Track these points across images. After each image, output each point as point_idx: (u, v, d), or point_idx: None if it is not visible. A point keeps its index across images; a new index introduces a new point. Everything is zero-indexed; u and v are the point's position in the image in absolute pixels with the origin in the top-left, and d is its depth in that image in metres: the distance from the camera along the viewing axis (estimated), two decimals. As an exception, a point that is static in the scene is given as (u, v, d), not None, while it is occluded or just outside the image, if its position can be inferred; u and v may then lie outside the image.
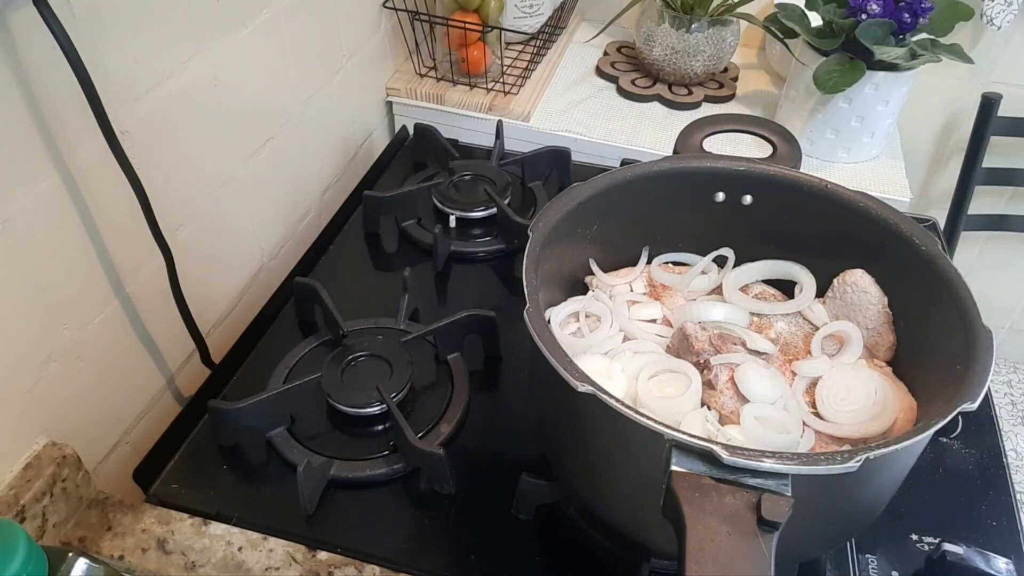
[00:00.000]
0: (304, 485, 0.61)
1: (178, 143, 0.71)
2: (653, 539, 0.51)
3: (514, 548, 0.61)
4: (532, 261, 0.55)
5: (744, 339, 0.60)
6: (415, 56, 1.19)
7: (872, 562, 0.60)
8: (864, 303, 0.61)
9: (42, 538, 0.58)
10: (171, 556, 0.58)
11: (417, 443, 0.63)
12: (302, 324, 0.81)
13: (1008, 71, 1.34)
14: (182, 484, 0.65)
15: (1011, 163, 1.38)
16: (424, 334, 0.74)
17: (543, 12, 1.23)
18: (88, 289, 0.63)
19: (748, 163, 0.65)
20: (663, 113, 1.20)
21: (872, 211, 0.60)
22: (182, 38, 0.69)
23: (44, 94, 0.55)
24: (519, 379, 0.75)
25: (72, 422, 0.63)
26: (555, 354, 0.47)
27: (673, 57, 1.19)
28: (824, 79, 1.01)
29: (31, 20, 0.51)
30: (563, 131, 1.14)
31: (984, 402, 0.65)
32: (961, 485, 0.66)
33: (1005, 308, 1.68)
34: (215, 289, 0.82)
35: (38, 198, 0.56)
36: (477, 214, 0.92)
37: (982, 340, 0.48)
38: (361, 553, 0.60)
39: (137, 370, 0.72)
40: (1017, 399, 1.75)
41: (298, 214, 0.97)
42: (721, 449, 0.40)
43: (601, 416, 0.45)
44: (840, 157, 1.12)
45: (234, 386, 0.74)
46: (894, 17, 0.97)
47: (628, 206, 0.65)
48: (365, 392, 0.69)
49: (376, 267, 0.90)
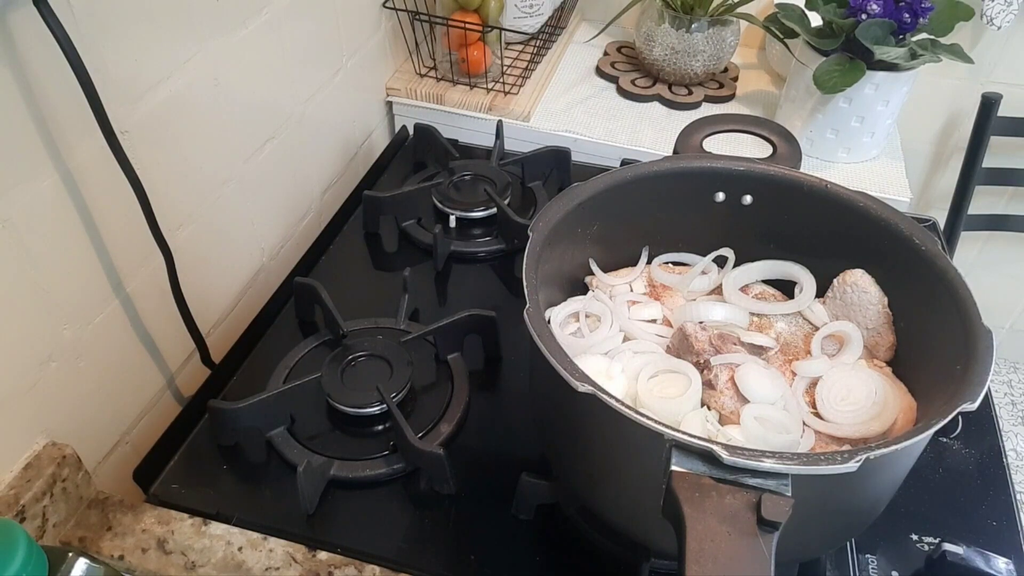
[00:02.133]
0: (304, 485, 0.61)
1: (178, 143, 0.71)
2: (653, 539, 0.51)
3: (514, 548, 0.61)
4: (532, 261, 0.55)
5: (741, 336, 0.61)
6: (415, 56, 1.19)
7: (872, 562, 0.60)
8: (864, 303, 0.61)
9: (42, 538, 0.58)
10: (171, 556, 0.58)
11: (417, 443, 0.63)
12: (302, 324, 0.81)
13: (1008, 71, 1.34)
14: (182, 484, 0.65)
15: (1011, 163, 1.38)
16: (424, 334, 0.74)
17: (543, 12, 1.23)
18: (88, 289, 0.63)
19: (748, 163, 0.65)
20: (663, 113, 1.20)
21: (872, 211, 0.60)
22: (182, 38, 0.69)
23: (44, 94, 0.55)
24: (519, 379, 0.75)
25: (72, 422, 0.63)
26: (555, 354, 0.47)
27: (673, 57, 1.19)
28: (824, 79, 1.01)
29: (31, 20, 0.51)
30: (563, 131, 1.14)
31: (984, 402, 0.65)
32: (961, 485, 0.66)
33: (1005, 308, 1.68)
34: (215, 289, 0.82)
35: (38, 198, 0.56)
36: (477, 214, 0.92)
37: (982, 340, 0.48)
38: (361, 553, 0.60)
39: (137, 370, 0.72)
40: (1017, 399, 1.75)
41: (298, 214, 0.97)
42: (721, 449, 0.41)
43: (601, 416, 0.45)
44: (840, 157, 1.12)
45: (234, 386, 0.74)
46: (894, 17, 0.97)
47: (628, 206, 0.65)
48: (365, 392, 0.69)
49: (376, 267, 0.90)
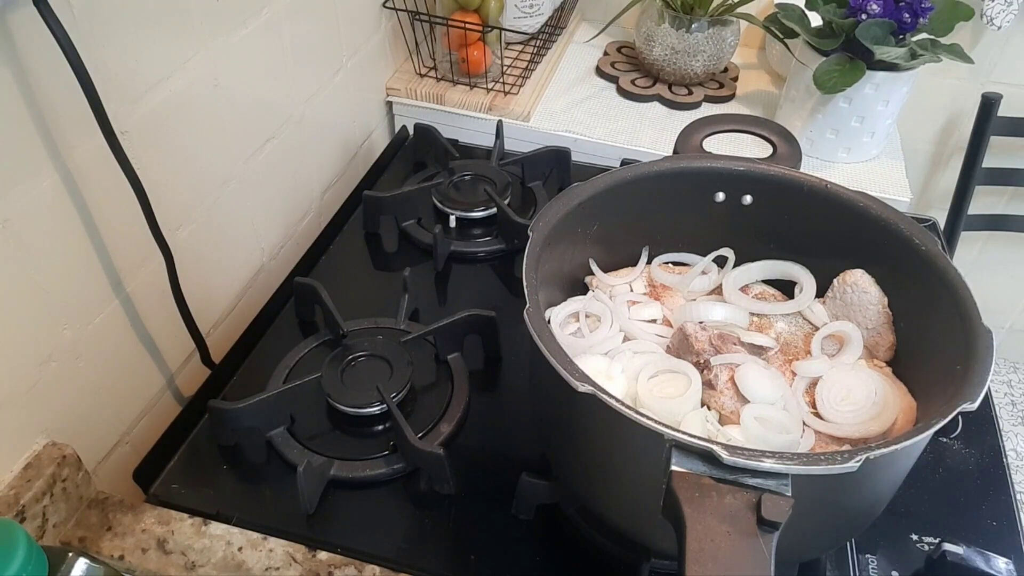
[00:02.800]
0: (304, 485, 0.61)
1: (178, 143, 0.71)
2: (653, 539, 0.51)
3: (514, 548, 0.61)
4: (532, 261, 0.55)
5: (741, 336, 0.61)
6: (415, 56, 1.19)
7: (872, 562, 0.60)
8: (864, 303, 0.61)
9: (42, 538, 0.58)
10: (171, 556, 0.58)
11: (417, 443, 0.63)
12: (302, 324, 0.81)
13: (1008, 71, 1.34)
14: (182, 484, 0.65)
15: (1011, 163, 1.38)
16: (424, 334, 0.74)
17: (543, 12, 1.23)
18: (88, 289, 0.63)
19: (748, 163, 0.65)
20: (663, 113, 1.20)
21: (872, 211, 0.60)
22: (182, 38, 0.69)
23: (44, 94, 0.55)
24: (519, 379, 0.75)
25: (72, 422, 0.63)
26: (555, 354, 0.47)
27: (673, 57, 1.19)
28: (824, 79, 1.01)
29: (31, 20, 0.51)
30: (563, 131, 1.14)
31: (984, 402, 0.65)
32: (961, 485, 0.66)
33: (1005, 308, 1.68)
34: (215, 289, 0.82)
35: (38, 198, 0.56)
36: (477, 214, 0.92)
37: (982, 340, 0.48)
38: (361, 553, 0.60)
39: (137, 370, 0.72)
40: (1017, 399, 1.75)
41: (298, 214, 0.97)
42: (721, 449, 0.40)
43: (601, 416, 0.45)
44: (840, 157, 1.12)
45: (234, 386, 0.74)
46: (894, 17, 0.97)
47: (628, 206, 0.65)
48: (365, 392, 0.69)
49: (376, 267, 0.90)
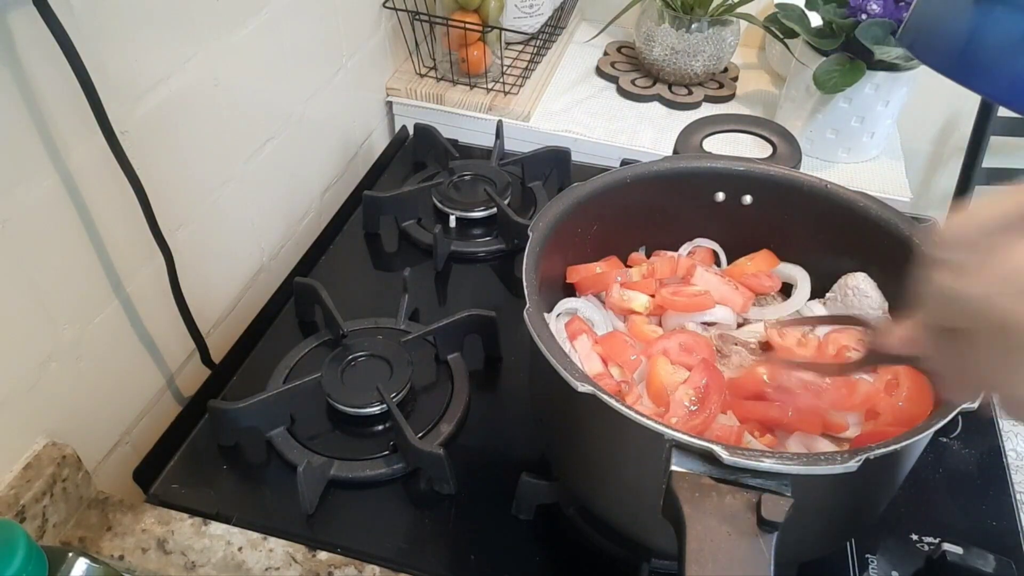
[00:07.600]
0: (304, 485, 0.61)
1: (178, 143, 0.71)
2: (653, 539, 0.51)
3: (514, 548, 0.61)
4: (532, 261, 0.55)
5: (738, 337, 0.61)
6: (415, 56, 1.19)
7: (872, 562, 0.60)
8: (865, 307, 0.61)
9: (42, 538, 0.58)
10: (171, 556, 0.58)
11: (417, 443, 0.63)
12: (302, 324, 0.81)
13: (1008, 71, 1.33)
14: (182, 484, 0.65)
15: (1011, 163, 1.38)
16: (424, 334, 0.74)
17: (543, 12, 1.23)
18: (88, 289, 0.63)
19: (748, 163, 0.65)
20: (663, 113, 1.20)
21: (872, 211, 0.60)
22: (182, 38, 0.69)
23: (44, 94, 0.55)
24: (519, 379, 0.75)
25: (72, 422, 0.63)
26: (555, 354, 0.47)
27: (673, 57, 1.19)
28: (824, 79, 1.01)
29: (31, 20, 0.51)
30: (563, 131, 1.14)
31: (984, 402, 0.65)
32: (961, 485, 0.66)
33: (1005, 308, 1.68)
34: (215, 289, 0.82)
35: (38, 198, 0.56)
36: (477, 214, 0.92)
37: (982, 340, 0.48)
38: (361, 553, 0.60)
39: (137, 370, 0.72)
40: (1017, 399, 1.75)
41: (298, 214, 0.97)
42: (721, 449, 0.41)
43: (601, 416, 0.45)
44: (840, 157, 1.12)
45: (234, 386, 0.74)
46: (894, 17, 0.97)
47: (628, 206, 0.65)
48: (365, 392, 0.69)
49: (376, 267, 0.90)
